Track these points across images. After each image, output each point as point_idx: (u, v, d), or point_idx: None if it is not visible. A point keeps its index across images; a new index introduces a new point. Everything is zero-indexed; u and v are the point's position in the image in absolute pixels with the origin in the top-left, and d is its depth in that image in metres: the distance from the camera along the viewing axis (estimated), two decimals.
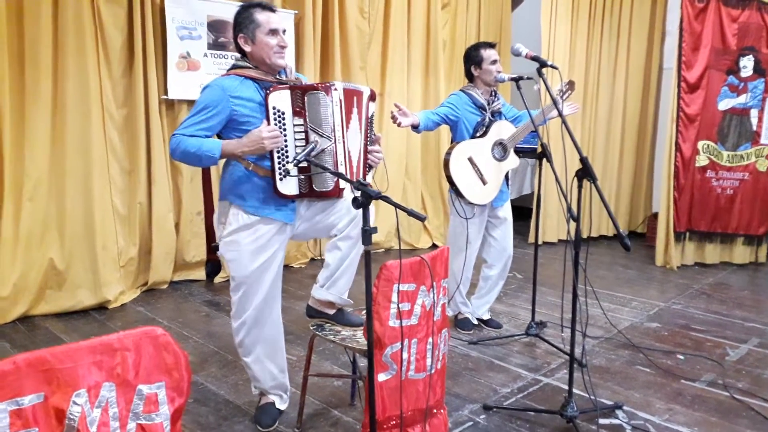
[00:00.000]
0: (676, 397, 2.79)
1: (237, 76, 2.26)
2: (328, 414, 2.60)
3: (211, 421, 2.54)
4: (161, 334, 1.36)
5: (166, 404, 1.36)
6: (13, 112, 3.56)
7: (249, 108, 2.22)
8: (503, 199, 3.51)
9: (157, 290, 4.35)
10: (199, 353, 3.24)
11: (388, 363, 2.00)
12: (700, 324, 3.80)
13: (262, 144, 2.14)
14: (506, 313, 3.97)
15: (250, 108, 2.22)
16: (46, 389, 1.17)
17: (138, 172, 4.15)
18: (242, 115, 2.22)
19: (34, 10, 3.58)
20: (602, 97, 6.26)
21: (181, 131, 2.19)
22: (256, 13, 2.26)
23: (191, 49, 4.32)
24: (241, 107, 2.21)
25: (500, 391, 2.84)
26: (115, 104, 4.03)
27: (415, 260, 2.04)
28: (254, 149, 2.16)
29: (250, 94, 2.24)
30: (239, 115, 2.21)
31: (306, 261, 5.17)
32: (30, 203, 3.66)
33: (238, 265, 2.29)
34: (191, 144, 2.16)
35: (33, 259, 3.71)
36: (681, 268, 5.22)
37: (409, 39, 5.57)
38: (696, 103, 5.11)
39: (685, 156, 5.15)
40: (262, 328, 2.38)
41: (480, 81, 3.37)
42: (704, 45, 5.05)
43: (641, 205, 6.63)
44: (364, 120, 2.38)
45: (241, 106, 2.21)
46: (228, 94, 2.20)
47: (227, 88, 2.21)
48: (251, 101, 2.23)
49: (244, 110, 2.22)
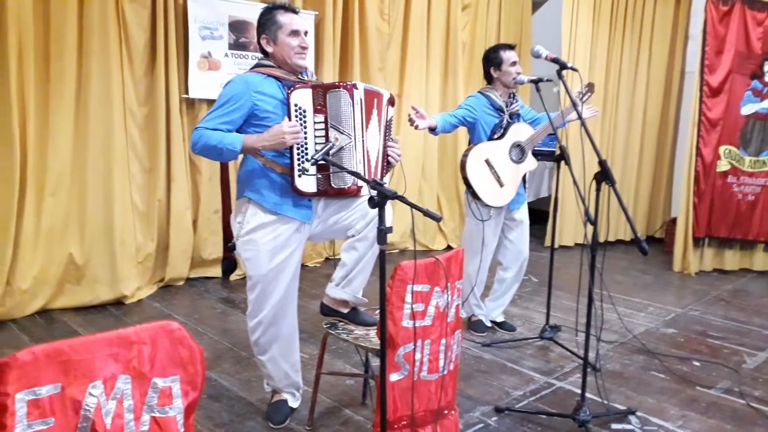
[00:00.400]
0: (691, 403, 2.76)
1: (260, 73, 2.29)
2: (340, 412, 2.61)
3: (223, 417, 2.57)
4: (177, 328, 1.37)
5: (180, 398, 1.38)
6: (38, 109, 3.63)
7: (271, 104, 2.25)
8: (520, 201, 3.50)
9: (174, 286, 4.40)
10: (213, 349, 3.27)
11: (401, 363, 2.01)
12: (717, 331, 3.75)
13: (283, 139, 2.14)
14: (520, 316, 3.96)
15: (272, 104, 2.25)
16: (63, 380, 1.19)
17: (157, 169, 4.21)
18: (263, 110, 2.24)
19: (60, 9, 3.64)
20: (622, 100, 6.19)
21: (204, 124, 2.22)
22: (279, 14, 2.28)
23: (212, 48, 4.36)
24: (263, 102, 2.24)
25: (512, 394, 2.83)
26: (136, 102, 4.09)
27: (429, 261, 2.04)
28: (275, 144, 2.17)
29: (272, 91, 2.26)
30: (260, 110, 2.24)
31: (321, 260, 5.19)
32: (52, 198, 3.73)
33: (255, 264, 2.31)
34: (213, 137, 2.18)
35: (53, 253, 3.77)
36: (699, 274, 5.15)
37: (429, 40, 5.57)
38: (718, 107, 5.05)
39: (706, 161, 5.08)
40: (278, 327, 2.39)
41: (499, 83, 3.37)
42: (728, 49, 4.98)
43: (660, 210, 6.55)
44: (383, 122, 2.40)
45: (262, 102, 2.24)
46: (251, 89, 2.22)
47: (250, 83, 2.24)
48: (273, 98, 2.25)
49: (266, 106, 2.24)
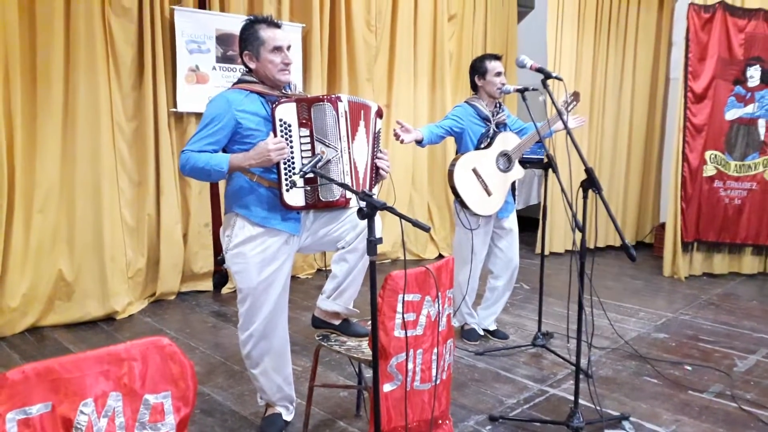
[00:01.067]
0: (684, 408, 2.78)
1: (242, 90, 2.29)
2: (334, 425, 2.60)
3: (217, 431, 2.55)
4: (167, 344, 1.37)
5: (172, 414, 1.38)
6: (25, 124, 3.61)
7: (254, 121, 2.25)
8: (509, 210, 3.52)
9: (165, 301, 4.37)
10: (205, 364, 3.25)
11: (393, 373, 2.01)
12: (708, 335, 3.78)
13: (269, 156, 2.15)
14: (513, 323, 3.97)
15: (254, 121, 2.25)
16: (53, 399, 1.19)
17: (147, 184, 4.20)
18: (247, 128, 2.24)
19: (47, 24, 3.64)
20: (609, 107, 6.26)
21: (190, 147, 2.23)
22: (261, 30, 2.27)
23: (200, 62, 4.37)
24: (246, 120, 2.24)
25: (506, 402, 2.83)
26: (124, 117, 4.08)
27: (420, 270, 2.05)
28: (261, 161, 2.18)
29: (255, 108, 2.26)
30: (243, 129, 2.24)
31: (312, 272, 5.19)
32: (40, 214, 3.70)
33: (245, 277, 2.31)
34: (200, 159, 2.20)
35: (42, 270, 3.75)
36: (689, 278, 5.19)
37: (416, 51, 5.61)
38: (703, 113, 5.11)
39: (692, 166, 5.14)
40: (269, 340, 2.39)
41: (484, 92, 3.40)
42: (711, 55, 5.05)
43: (649, 216, 6.61)
44: (371, 134, 2.40)
45: (245, 120, 2.24)
46: (233, 107, 2.22)
47: (232, 101, 2.24)
48: (256, 115, 2.25)
49: (249, 123, 2.24)
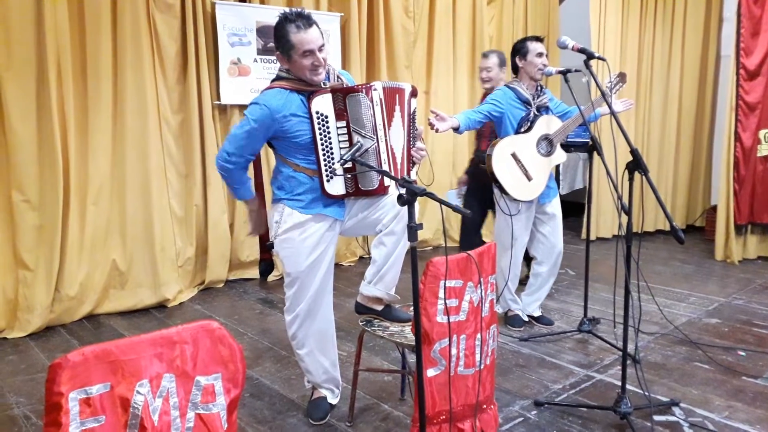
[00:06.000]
0: (737, 394, 2.70)
1: (282, 89, 2.31)
2: (379, 408, 2.64)
3: (265, 414, 2.62)
4: (217, 327, 1.42)
5: (223, 395, 1.43)
6: (77, 122, 3.75)
7: (296, 122, 2.29)
8: (551, 194, 3.46)
9: (214, 289, 4.49)
10: (253, 349, 3.34)
11: (437, 359, 2.02)
12: (763, 320, 3.65)
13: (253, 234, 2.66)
14: (558, 309, 3.92)
15: (296, 121, 2.29)
16: (112, 379, 1.25)
17: (193, 175, 4.31)
18: (291, 130, 2.29)
19: (95, 24, 3.75)
20: (656, 88, 6.07)
21: (227, 149, 2.33)
22: (291, 33, 2.24)
23: (242, 55, 4.44)
24: (289, 124, 2.29)
25: (552, 388, 2.81)
26: (170, 111, 4.18)
27: (461, 256, 2.05)
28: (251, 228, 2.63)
29: (295, 109, 2.29)
30: (287, 131, 2.29)
31: (355, 259, 5.24)
32: (94, 207, 3.85)
33: (293, 261, 2.38)
34: (233, 179, 2.43)
35: (97, 260, 3.90)
36: (743, 262, 5.02)
37: (455, 36, 5.56)
38: (756, 90, 4.91)
39: (745, 146, 4.95)
40: (313, 320, 2.46)
41: (525, 74, 3.34)
42: (765, 30, 4.84)
43: (699, 198, 6.40)
44: (406, 116, 2.42)
45: (288, 123, 2.29)
46: (274, 115, 2.26)
47: (275, 109, 2.26)
48: (296, 116, 2.29)
49: (292, 126, 2.29)
